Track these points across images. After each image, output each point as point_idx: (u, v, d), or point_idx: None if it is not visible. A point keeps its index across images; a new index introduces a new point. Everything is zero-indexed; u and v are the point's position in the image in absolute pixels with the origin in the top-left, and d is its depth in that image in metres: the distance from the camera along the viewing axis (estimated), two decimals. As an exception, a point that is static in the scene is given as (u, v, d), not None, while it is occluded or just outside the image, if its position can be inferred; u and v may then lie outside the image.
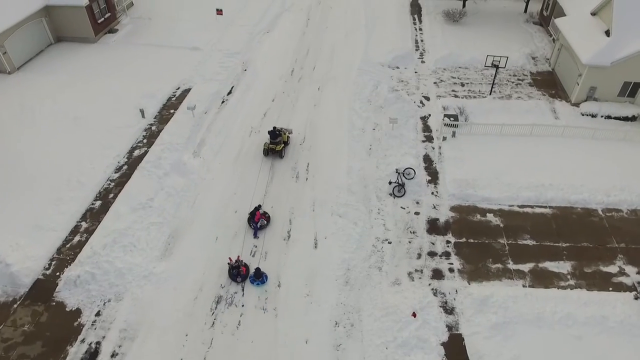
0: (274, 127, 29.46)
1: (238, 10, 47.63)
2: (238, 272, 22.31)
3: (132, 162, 29.11)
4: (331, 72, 37.96)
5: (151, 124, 32.43)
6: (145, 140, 30.96)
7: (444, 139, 30.47)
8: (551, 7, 42.17)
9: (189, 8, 47.70)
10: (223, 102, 34.83)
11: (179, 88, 36.11)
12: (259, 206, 25.36)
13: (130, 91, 34.72)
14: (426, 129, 31.97)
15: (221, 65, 38.71)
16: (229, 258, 22.84)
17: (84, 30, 41.02)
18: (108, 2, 42.96)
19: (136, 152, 29.99)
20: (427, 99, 34.93)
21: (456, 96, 35.06)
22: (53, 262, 23.42)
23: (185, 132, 31.38)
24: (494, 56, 32.95)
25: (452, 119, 31.45)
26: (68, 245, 24.26)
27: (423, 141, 30.90)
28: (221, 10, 44.83)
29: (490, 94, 34.50)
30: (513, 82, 36.53)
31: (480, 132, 30.84)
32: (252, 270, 22.70)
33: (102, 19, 42.30)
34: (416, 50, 41.25)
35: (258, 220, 24.69)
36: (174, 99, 34.99)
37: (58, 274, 22.88)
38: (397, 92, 35.47)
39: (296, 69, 38.48)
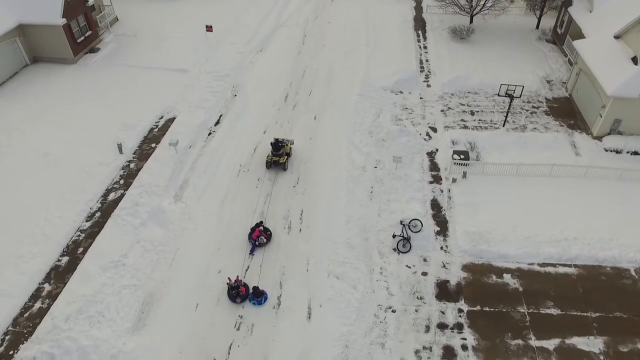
0: (276, 139, 28.38)
1: (229, 25, 44.49)
2: (237, 292, 21.36)
3: (105, 209, 26.06)
4: (329, 98, 34.85)
5: (130, 161, 29.37)
6: (122, 181, 27.90)
7: (454, 180, 27.38)
8: (566, 25, 39.00)
9: (177, 24, 44.59)
10: (210, 133, 31.74)
11: (162, 117, 33.03)
12: (261, 222, 24.42)
13: (108, 122, 31.64)
14: (434, 167, 28.88)
15: (209, 89, 35.62)
16: (228, 278, 21.78)
17: (62, 50, 37.92)
18: (89, 19, 39.83)
19: (111, 196, 26.94)
20: (434, 130, 31.82)
21: (466, 126, 31.96)
22: (7, 337, 20.41)
23: (167, 172, 28.33)
24: (508, 85, 29.76)
25: (462, 156, 28.37)
26: (26, 315, 21.24)
27: (430, 182, 27.81)
28: (211, 27, 41.70)
29: (503, 125, 31.34)
30: (527, 110, 33.41)
31: (494, 171, 27.75)
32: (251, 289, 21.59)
33: (82, 37, 39.19)
34: (421, 71, 38.11)
35: (257, 237, 23.64)
36: (156, 130, 31.92)
37: (12, 352, 19.83)
38: (401, 121, 32.38)
39: (291, 94, 35.37)
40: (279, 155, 27.86)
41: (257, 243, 23.63)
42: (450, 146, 29.85)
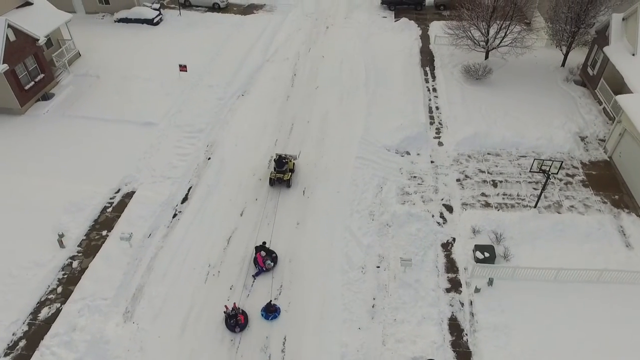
0: (279, 155, 27.37)
1: (208, 60, 38.57)
2: (236, 321, 20.16)
3: (32, 335, 20.35)
4: (321, 163, 29.03)
5: (73, 258, 23.61)
6: (59, 290, 22.17)
7: (477, 290, 21.62)
8: (600, 66, 33.13)
9: (148, 59, 38.67)
10: (175, 215, 25.91)
11: (118, 191, 27.20)
12: (263, 244, 23.21)
13: (52, 199, 25.84)
14: (451, 266, 23.12)
15: (179, 151, 29.78)
16: (225, 306, 20.48)
17: (6, 100, 32.08)
18: (40, 60, 33.89)
19: (43, 313, 21.24)
20: (450, 209, 26.03)
21: (488, 204, 26.18)
22: None
23: (117, 275, 22.55)
24: (542, 160, 23.97)
25: (485, 254, 22.65)
26: None
27: (447, 290, 22.07)
28: (185, 67, 35.78)
29: (535, 206, 25.51)
30: (561, 180, 27.60)
31: (528, 275, 22.01)
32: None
33: (32, 83, 33.25)
34: (431, 123, 32.27)
35: (262, 264, 22.51)
36: (109, 210, 26.11)
37: None
38: (409, 197, 26.61)
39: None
40: (283, 172, 26.79)
41: (264, 269, 22.56)
42: (470, 236, 24.06)
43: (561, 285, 21.89)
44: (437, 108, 33.74)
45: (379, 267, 23.02)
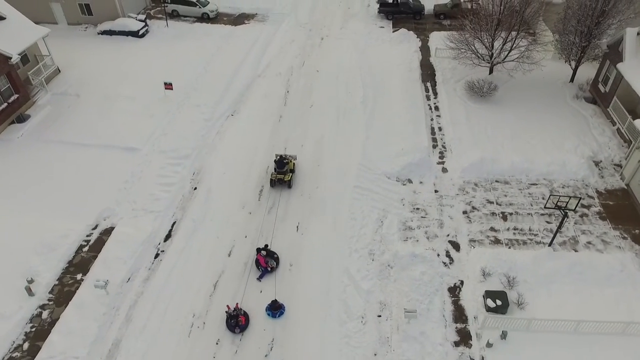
0: (280, 155, 27.32)
1: (195, 79, 36.27)
2: (237, 322, 20.02)
3: (-6, 404, 18.05)
4: (317, 194, 26.87)
5: (43, 307, 21.42)
6: (25, 346, 19.99)
7: (489, 345, 19.51)
8: (613, 83, 31.08)
9: (132, 75, 36.38)
10: (157, 255, 23.70)
11: (96, 227, 25.00)
12: (265, 247, 23.01)
13: (21, 238, 23.65)
14: (459, 314, 21.02)
15: (162, 180, 27.54)
16: (227, 306, 20.39)
17: (-24, 124, 29.69)
18: (13, 80, 31.58)
19: (7, 376, 18.90)
20: (457, 247, 23.93)
21: (497, 241, 24.09)
22: None
23: (91, 329, 20.39)
24: (559, 196, 21.94)
25: (497, 302, 20.57)
26: None
27: (456, 344, 19.96)
28: (171, 85, 33.53)
29: (550, 244, 23.39)
30: (576, 212, 25.51)
31: (545, 328, 19.93)
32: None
33: (5, 104, 30.93)
34: (434, 146, 30.15)
35: (265, 265, 22.32)
36: (86, 249, 23.91)
37: None
38: (412, 232, 24.51)
39: (266, 188, 27.26)
40: (284, 173, 26.58)
41: (268, 269, 22.28)
42: (480, 279, 21.96)
43: (582, 337, 19.87)
44: (439, 129, 31.60)
45: (380, 316, 20.92)
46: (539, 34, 33.05)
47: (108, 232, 24.69)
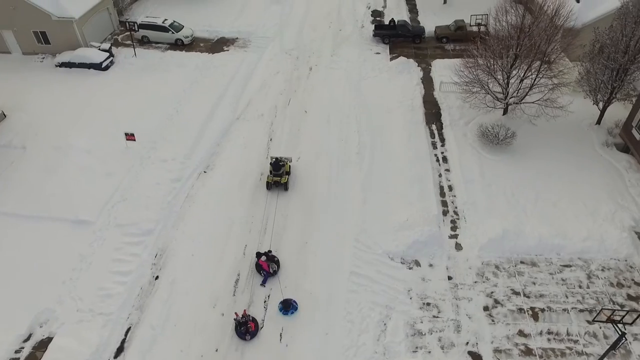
0: (276, 158, 26.85)
1: (164, 123, 31.29)
2: (246, 329, 19.32)
3: None
4: (304, 285, 22.15)
5: None
6: None
7: None
8: (652, 130, 26.39)
9: (88, 123, 31.25)
10: (105, 380, 18.73)
11: (29, 338, 20.14)
12: (268, 252, 22.20)
13: None
14: None
15: (117, 267, 22.68)
16: (235, 313, 19.66)
17: None
18: (-59, 137, 26.30)
19: None
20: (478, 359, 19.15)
21: (529, 351, 19.43)
22: None
23: None
24: (612, 310, 17.15)
25: None
26: None
27: None
28: (133, 135, 28.47)
29: (597, 361, 18.66)
30: (623, 305, 20.82)
31: None
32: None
33: None
34: (444, 212, 25.34)
35: (267, 268, 21.57)
36: (13, 373, 18.87)
37: None
38: (421, 339, 19.79)
39: (243, 276, 22.37)
40: (280, 175, 26.05)
41: (271, 271, 21.68)
42: (513, 415, 17.19)
43: None
44: (450, 188, 26.80)
45: None
46: (557, 65, 28.14)
47: (44, 345, 19.83)
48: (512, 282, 21.96)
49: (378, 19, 45.43)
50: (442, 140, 30.23)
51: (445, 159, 28.77)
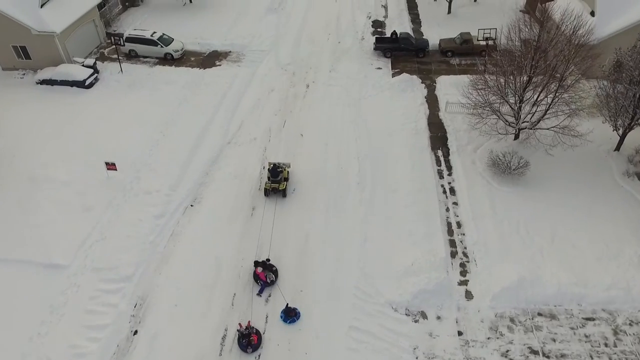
0: (273, 164, 26.01)
1: (149, 149, 29.19)
2: (249, 341, 18.93)
3: None
4: (297, 343, 19.82)
5: None
6: None
7: None
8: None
9: (68, 149, 29.15)
10: None
11: (-11, 409, 17.73)
12: (267, 260, 21.82)
13: None
14: None
15: (91, 320, 20.59)
16: (239, 324, 19.36)
17: None
18: None
19: None
20: None
21: (551, 423, 17.09)
22: None
23: None
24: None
25: None
26: None
27: None
28: (114, 165, 26.25)
29: None
30: (652, 367, 18.64)
31: None
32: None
33: None
34: (452, 253, 23.15)
35: (265, 279, 21.10)
36: None
37: None
38: (430, 410, 17.44)
39: (231, 333, 20.14)
40: (278, 182, 25.53)
41: (268, 281, 21.20)
42: None
43: None
44: (458, 225, 24.58)
45: None
46: (575, 89, 25.78)
47: (6, 417, 17.51)
48: (530, 339, 19.76)
49: (379, 29, 43.21)
50: (449, 168, 27.97)
51: (452, 191, 26.53)
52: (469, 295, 21.42)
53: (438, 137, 30.22)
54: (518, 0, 46.17)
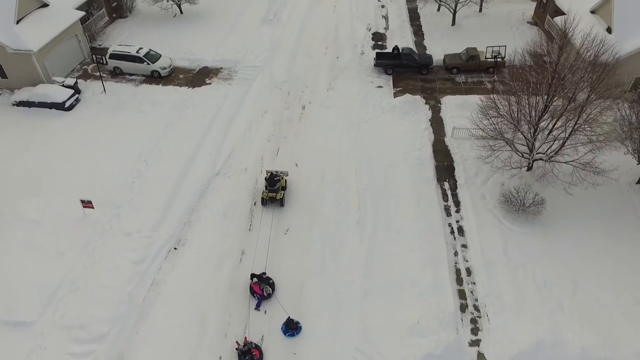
0: (271, 172, 25.11)
1: (130, 182, 26.89)
2: (251, 357, 18.18)
3: None
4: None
5: None
6: None
7: None
8: None
9: (41, 183, 26.73)
10: None
11: None
12: (263, 274, 21.12)
13: None
14: None
15: (57, 391, 18.01)
16: (237, 342, 18.68)
17: None
18: None
19: None
20: None
21: None
22: None
23: None
24: None
25: None
26: None
27: None
28: (90, 203, 23.92)
29: None
30: None
31: None
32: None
33: None
34: (462, 307, 20.86)
35: (260, 292, 20.42)
36: None
37: None
38: None
39: (217, 403, 17.90)
40: (276, 191, 24.76)
41: (264, 296, 20.42)
42: None
43: None
44: (468, 272, 22.30)
45: None
46: (597, 121, 23.42)
47: None
48: (552, 415, 17.45)
49: (379, 43, 40.89)
50: (457, 204, 25.67)
51: (461, 230, 24.23)
52: (481, 358, 19.13)
53: (444, 167, 27.91)
54: (525, 11, 43.84)
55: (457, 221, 24.76)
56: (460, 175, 27.20)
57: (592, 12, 33.89)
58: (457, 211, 25.30)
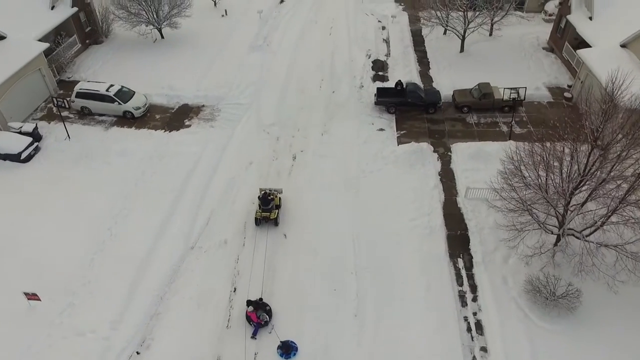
0: (264, 191, 24.13)
1: (89, 259, 22.91)
2: None
3: None
4: None
5: None
6: None
7: None
8: None
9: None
10: None
11: None
12: (261, 300, 20.23)
13: None
14: None
15: None
16: None
17: None
18: None
19: None
20: None
21: None
22: None
23: None
24: None
25: None
26: None
27: None
28: (35, 295, 19.95)
29: None
30: None
31: None
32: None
33: None
34: None
35: (257, 318, 19.48)
36: None
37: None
38: None
39: None
40: (269, 210, 23.60)
41: (260, 324, 19.54)
42: None
43: None
44: (490, 387, 18.26)
45: None
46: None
47: None
48: None
49: (380, 73, 36.87)
50: (474, 289, 21.70)
51: (479, 327, 20.27)
52: None
53: (457, 238, 23.92)
54: (539, 34, 39.84)
55: (475, 313, 20.78)
56: (476, 249, 23.19)
57: (623, 45, 29.85)
58: (474, 299, 21.31)
